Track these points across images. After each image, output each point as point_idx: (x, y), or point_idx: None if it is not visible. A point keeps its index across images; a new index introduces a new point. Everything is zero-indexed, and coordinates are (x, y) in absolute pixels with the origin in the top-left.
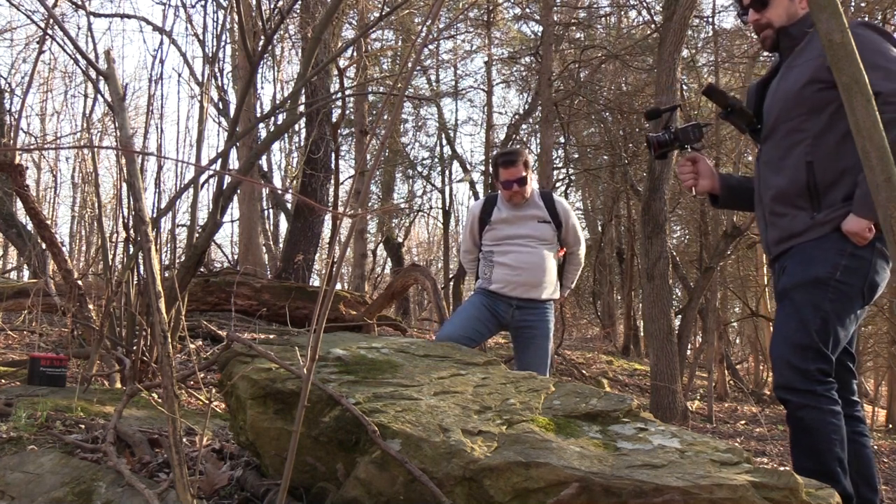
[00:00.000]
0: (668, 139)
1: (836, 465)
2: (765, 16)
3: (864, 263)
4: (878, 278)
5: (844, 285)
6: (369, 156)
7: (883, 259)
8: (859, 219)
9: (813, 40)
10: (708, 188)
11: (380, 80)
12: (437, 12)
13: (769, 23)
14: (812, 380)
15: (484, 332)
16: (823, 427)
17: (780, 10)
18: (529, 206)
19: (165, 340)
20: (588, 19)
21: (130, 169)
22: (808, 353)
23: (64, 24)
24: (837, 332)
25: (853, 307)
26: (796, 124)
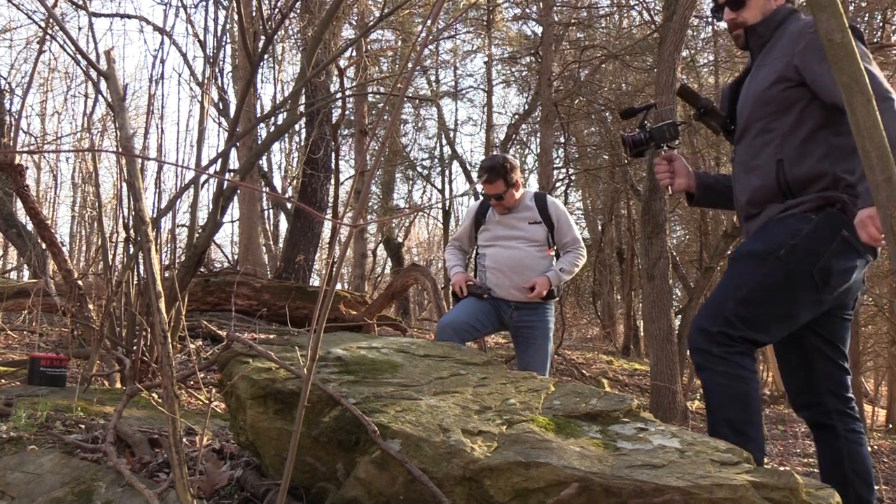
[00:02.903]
0: (644, 138)
1: (724, 426)
2: (741, 15)
3: (818, 247)
4: (835, 265)
5: (787, 264)
6: (369, 156)
7: (850, 249)
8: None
9: (780, 38)
10: (684, 186)
11: (380, 80)
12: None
13: (744, 22)
14: (712, 341)
15: (486, 323)
16: (712, 387)
17: (756, 9)
18: (521, 209)
19: (165, 340)
20: (588, 19)
21: (130, 169)
22: (717, 318)
23: (64, 24)
24: (765, 307)
25: (796, 289)
26: (765, 124)
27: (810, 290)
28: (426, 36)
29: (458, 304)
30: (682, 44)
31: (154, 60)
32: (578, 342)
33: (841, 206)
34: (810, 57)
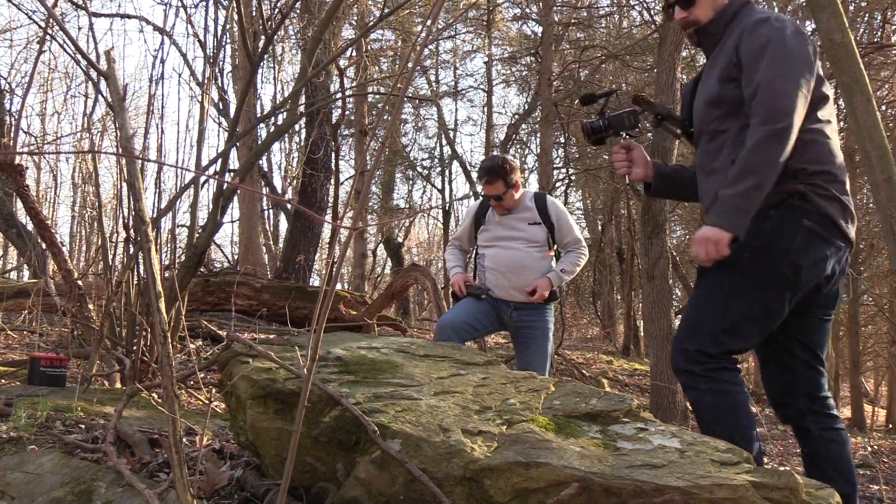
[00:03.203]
0: (602, 125)
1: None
2: (692, 13)
3: (783, 244)
4: (804, 259)
5: (756, 268)
6: (369, 156)
7: (817, 239)
8: (719, 230)
9: (727, 37)
10: (641, 176)
11: (380, 80)
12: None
13: (696, 20)
14: (692, 360)
15: (486, 323)
16: (700, 406)
17: (707, 7)
18: (520, 210)
19: (165, 340)
20: (588, 19)
21: (130, 169)
22: (694, 336)
23: (64, 24)
24: (742, 314)
25: (772, 289)
26: (718, 125)
27: (785, 288)
28: (426, 36)
29: (458, 304)
30: (682, 44)
31: (154, 60)
32: (578, 342)
33: (800, 196)
34: (745, 52)
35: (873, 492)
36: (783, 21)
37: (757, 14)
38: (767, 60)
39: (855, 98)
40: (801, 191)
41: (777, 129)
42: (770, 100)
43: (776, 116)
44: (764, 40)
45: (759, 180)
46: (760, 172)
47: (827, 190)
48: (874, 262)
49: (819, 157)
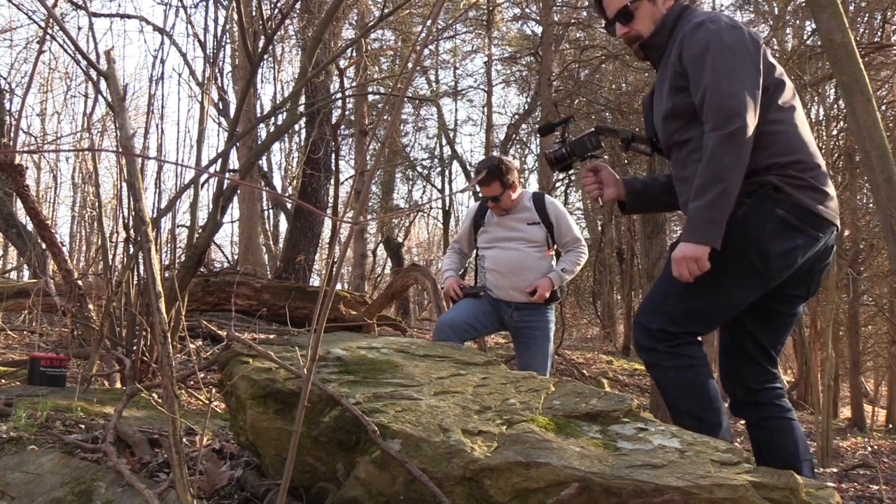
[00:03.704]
0: (566, 153)
1: (685, 417)
2: (633, 28)
3: (753, 231)
4: (773, 247)
5: (724, 253)
6: (369, 156)
7: (788, 229)
8: (694, 245)
9: (671, 47)
10: (614, 196)
11: (380, 80)
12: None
13: (638, 35)
14: (654, 338)
15: (486, 323)
16: (665, 382)
17: (647, 20)
18: (518, 210)
19: (165, 340)
20: (588, 19)
21: (130, 169)
22: (656, 315)
23: (64, 24)
24: (706, 298)
25: (739, 276)
26: (681, 136)
27: (752, 276)
28: (426, 36)
29: (457, 304)
30: None
31: (154, 60)
32: (578, 342)
33: (774, 187)
34: (687, 59)
35: (873, 492)
36: (717, 20)
37: (694, 18)
38: (710, 63)
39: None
40: (775, 183)
41: (731, 132)
42: (718, 103)
43: (727, 119)
44: (703, 44)
45: (723, 186)
46: (723, 178)
47: (801, 179)
48: (874, 262)
49: (788, 147)
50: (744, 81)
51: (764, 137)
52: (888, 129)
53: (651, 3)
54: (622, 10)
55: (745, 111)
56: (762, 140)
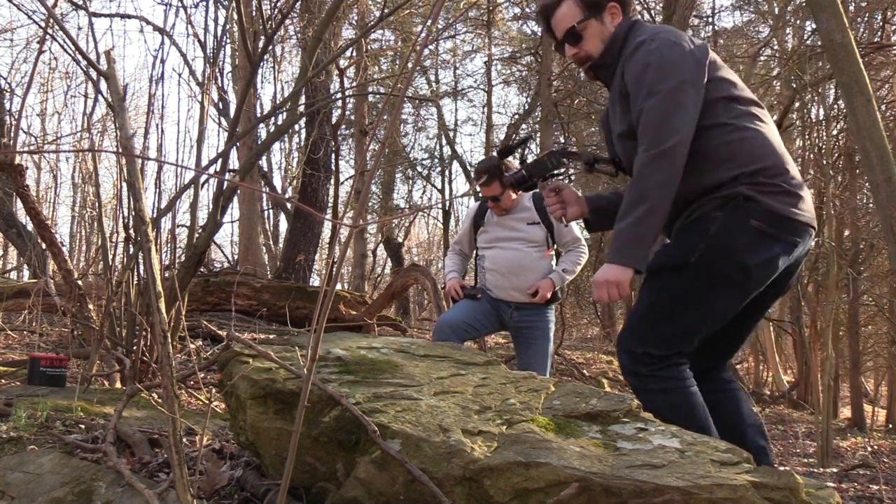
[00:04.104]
0: (525, 175)
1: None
2: (582, 48)
3: (729, 244)
4: (752, 259)
5: (702, 269)
6: (369, 156)
7: (765, 238)
8: (617, 267)
9: (619, 66)
10: (577, 214)
11: (380, 80)
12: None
13: (588, 55)
14: (638, 362)
15: (486, 323)
16: (654, 406)
17: (595, 39)
18: (518, 210)
19: (165, 340)
20: None
21: (131, 169)
22: (639, 338)
23: (64, 24)
24: (690, 318)
25: (718, 291)
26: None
27: (733, 288)
28: (426, 36)
29: (457, 304)
30: None
31: (154, 60)
32: (578, 342)
33: (743, 197)
34: (628, 81)
35: (873, 492)
36: (657, 38)
37: (637, 36)
38: (647, 86)
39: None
40: (745, 193)
41: (660, 151)
42: (652, 125)
43: (658, 139)
44: (641, 65)
45: (650, 205)
46: (651, 197)
47: (772, 185)
48: (874, 262)
49: (752, 155)
50: (679, 102)
51: (724, 149)
52: (888, 129)
53: (599, 22)
54: (570, 31)
55: (678, 132)
56: (723, 152)
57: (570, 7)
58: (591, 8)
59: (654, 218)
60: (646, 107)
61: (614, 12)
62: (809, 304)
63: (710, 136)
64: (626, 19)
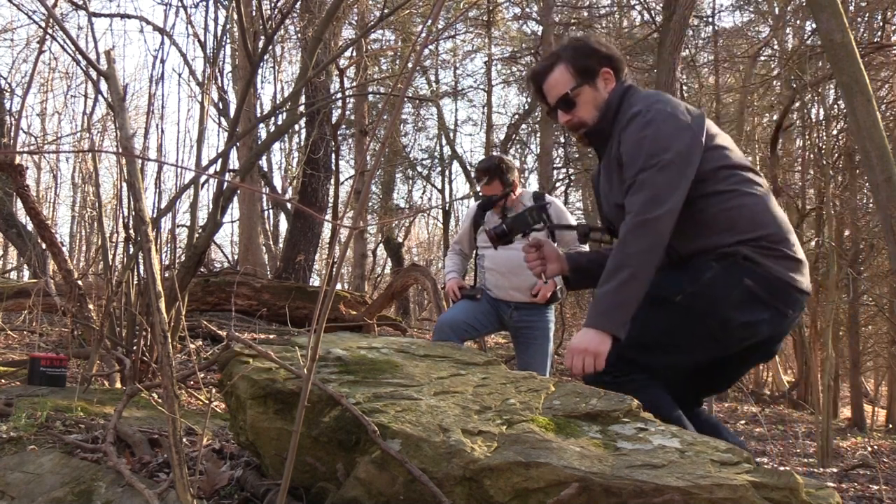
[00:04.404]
0: (506, 229)
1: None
2: (575, 115)
3: (717, 296)
4: (736, 317)
5: (684, 311)
6: (369, 156)
7: (755, 301)
8: (595, 332)
9: (613, 134)
10: (557, 271)
11: (380, 80)
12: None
13: (581, 122)
14: (604, 373)
15: (485, 323)
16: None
17: (589, 106)
18: (518, 210)
19: (165, 340)
20: (588, 19)
21: (131, 169)
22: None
23: (64, 24)
24: (659, 351)
25: (693, 337)
26: None
27: (708, 339)
28: (426, 36)
29: (457, 304)
30: (682, 44)
31: (154, 60)
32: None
33: (742, 256)
34: (624, 152)
35: (873, 492)
36: (652, 108)
37: (633, 105)
38: (642, 158)
39: (855, 98)
40: (745, 252)
41: (647, 219)
42: (642, 194)
43: (648, 207)
44: (636, 138)
45: (632, 272)
46: (634, 264)
47: (776, 250)
48: (874, 262)
49: (753, 223)
50: (671, 175)
51: (724, 216)
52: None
53: (592, 88)
54: (563, 98)
55: (667, 202)
56: (722, 219)
57: (562, 73)
58: (584, 74)
59: (637, 284)
60: (638, 178)
61: (607, 78)
62: (809, 304)
63: (708, 203)
64: (619, 84)
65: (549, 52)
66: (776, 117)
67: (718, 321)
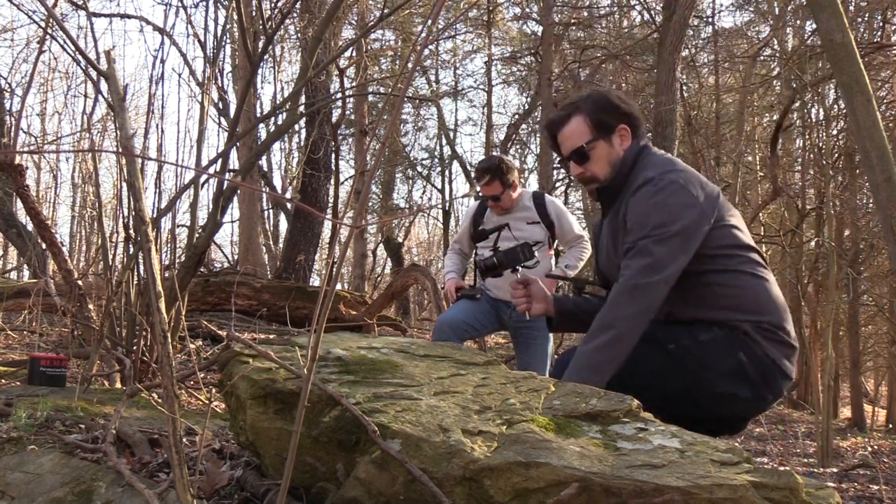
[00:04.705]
0: (496, 262)
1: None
2: (588, 169)
3: (707, 360)
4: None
5: (670, 361)
6: (369, 156)
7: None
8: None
9: (623, 195)
10: (541, 311)
11: (380, 80)
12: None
13: (593, 176)
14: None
15: (485, 323)
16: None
17: (603, 162)
18: (518, 210)
19: (165, 340)
20: (588, 19)
21: (130, 169)
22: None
23: (64, 24)
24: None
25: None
26: None
27: (685, 396)
28: (426, 36)
29: (456, 304)
30: (682, 44)
31: (154, 60)
32: (578, 342)
33: (745, 332)
34: (630, 219)
35: (873, 492)
36: (665, 178)
37: (646, 169)
38: (647, 228)
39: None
40: (747, 329)
41: (642, 284)
42: (640, 260)
43: (643, 273)
44: (644, 206)
45: (617, 334)
46: (620, 326)
47: (774, 333)
48: (874, 262)
49: (758, 302)
50: (672, 250)
51: (728, 294)
52: (888, 129)
53: (608, 144)
54: (578, 150)
55: (663, 272)
56: (725, 299)
57: (579, 124)
58: (600, 128)
59: (619, 347)
60: (639, 244)
61: (624, 135)
62: (809, 304)
63: (713, 279)
64: (635, 143)
65: (567, 102)
66: (776, 117)
67: (701, 383)
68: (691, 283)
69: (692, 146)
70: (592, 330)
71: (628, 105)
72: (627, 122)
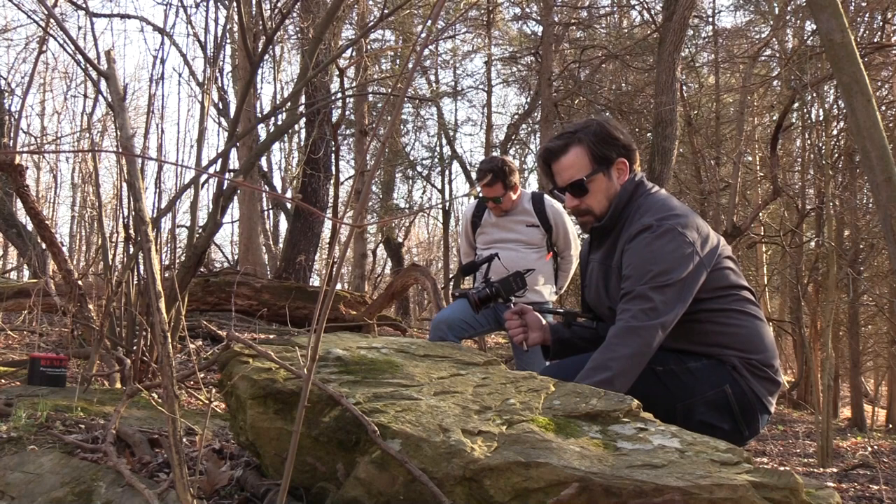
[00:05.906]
0: (490, 293)
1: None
2: (584, 202)
3: (693, 387)
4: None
5: (656, 383)
6: (369, 156)
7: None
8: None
9: (621, 228)
10: (538, 341)
11: (380, 80)
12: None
13: (589, 209)
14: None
15: (483, 322)
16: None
17: (600, 195)
18: (517, 212)
19: (165, 340)
20: (588, 19)
21: (131, 169)
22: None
23: (64, 24)
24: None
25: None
26: None
27: (668, 419)
28: (426, 36)
29: (454, 303)
30: (682, 44)
31: (154, 60)
32: None
33: (733, 366)
34: (626, 263)
35: (873, 492)
36: (664, 224)
37: (643, 210)
38: (647, 276)
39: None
40: (736, 364)
41: (638, 327)
42: (638, 303)
43: (641, 317)
44: (643, 255)
45: (611, 375)
46: (615, 368)
47: (763, 370)
48: (874, 262)
49: (751, 341)
50: (669, 297)
51: (720, 331)
52: (888, 129)
53: (606, 178)
54: (576, 183)
55: (661, 317)
56: (717, 335)
57: (578, 156)
58: (600, 162)
59: (611, 387)
60: (637, 289)
61: (622, 168)
62: (809, 304)
63: (706, 317)
64: (631, 177)
65: (565, 130)
66: (776, 117)
67: (681, 407)
68: (684, 320)
69: (692, 146)
70: (587, 370)
71: (626, 137)
72: (626, 155)
